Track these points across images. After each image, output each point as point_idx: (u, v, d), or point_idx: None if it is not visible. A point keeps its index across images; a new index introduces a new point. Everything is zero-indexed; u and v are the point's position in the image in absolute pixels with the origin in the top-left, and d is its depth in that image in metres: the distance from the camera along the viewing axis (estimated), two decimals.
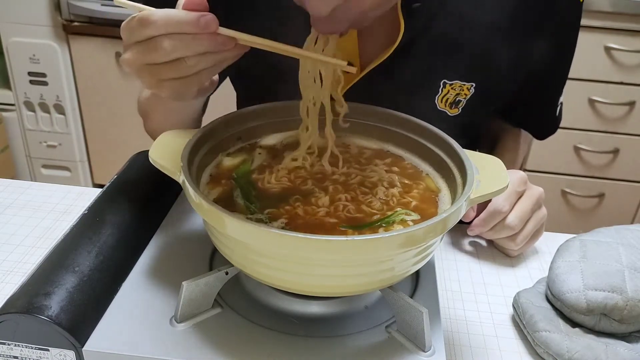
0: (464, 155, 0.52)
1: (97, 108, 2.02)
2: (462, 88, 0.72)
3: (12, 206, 0.78)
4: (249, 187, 0.54)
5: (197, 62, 0.51)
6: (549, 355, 0.57)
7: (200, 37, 0.49)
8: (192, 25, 0.49)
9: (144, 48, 0.50)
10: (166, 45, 0.49)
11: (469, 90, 0.72)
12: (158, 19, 0.49)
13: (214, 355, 0.47)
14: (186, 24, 0.49)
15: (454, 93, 0.72)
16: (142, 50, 0.51)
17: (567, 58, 0.79)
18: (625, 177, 1.87)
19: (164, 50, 0.49)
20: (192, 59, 0.50)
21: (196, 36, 0.49)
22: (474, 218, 0.71)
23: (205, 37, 0.49)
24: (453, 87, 0.71)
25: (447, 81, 0.71)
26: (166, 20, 0.49)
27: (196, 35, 0.49)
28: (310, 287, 0.47)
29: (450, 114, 0.73)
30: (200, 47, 0.50)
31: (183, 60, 0.50)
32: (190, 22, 0.49)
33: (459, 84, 0.71)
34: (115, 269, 0.54)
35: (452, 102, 0.73)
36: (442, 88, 0.71)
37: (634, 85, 1.75)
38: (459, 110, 0.73)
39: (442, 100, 0.72)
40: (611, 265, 0.59)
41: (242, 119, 0.60)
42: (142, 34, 0.50)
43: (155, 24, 0.49)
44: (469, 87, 0.71)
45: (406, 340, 0.49)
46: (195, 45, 0.50)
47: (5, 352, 0.48)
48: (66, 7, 1.83)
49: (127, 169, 0.69)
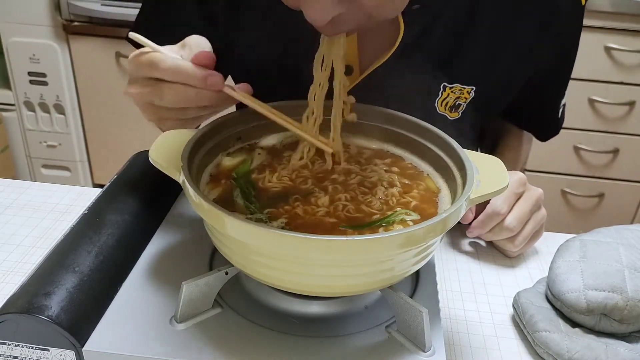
0: (464, 155, 0.52)
1: (97, 108, 2.02)
2: (462, 91, 0.71)
3: (12, 206, 0.78)
4: (249, 187, 0.54)
5: (198, 112, 0.54)
6: (549, 355, 0.57)
7: (205, 93, 0.52)
8: (200, 82, 0.51)
9: (150, 90, 0.53)
10: (171, 97, 0.52)
11: (469, 94, 0.71)
12: (168, 67, 0.51)
13: (214, 355, 0.47)
14: (194, 80, 0.51)
15: (454, 97, 0.72)
16: (148, 92, 0.53)
17: (569, 60, 0.79)
18: (625, 177, 1.87)
19: (168, 99, 0.52)
20: (193, 110, 0.54)
21: (200, 92, 0.52)
22: (472, 220, 0.71)
23: (209, 94, 0.52)
24: (453, 91, 0.71)
25: (447, 84, 0.71)
26: (175, 71, 0.51)
27: (200, 90, 0.52)
28: (310, 287, 0.47)
29: (450, 117, 0.73)
30: (203, 103, 0.53)
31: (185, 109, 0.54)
32: (198, 79, 0.51)
33: (459, 88, 0.71)
34: (115, 269, 0.54)
35: (452, 106, 0.72)
36: (442, 91, 0.71)
37: (634, 85, 1.75)
38: (459, 114, 0.73)
39: (442, 104, 0.72)
40: (611, 265, 0.59)
41: (242, 119, 0.60)
42: (149, 74, 0.52)
43: (165, 71, 0.51)
44: (469, 90, 0.71)
45: (406, 340, 0.49)
46: (199, 100, 0.52)
47: (5, 352, 0.48)
48: (66, 7, 1.83)
49: (127, 169, 0.69)
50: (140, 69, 0.53)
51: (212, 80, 0.51)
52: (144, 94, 0.54)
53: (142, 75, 0.53)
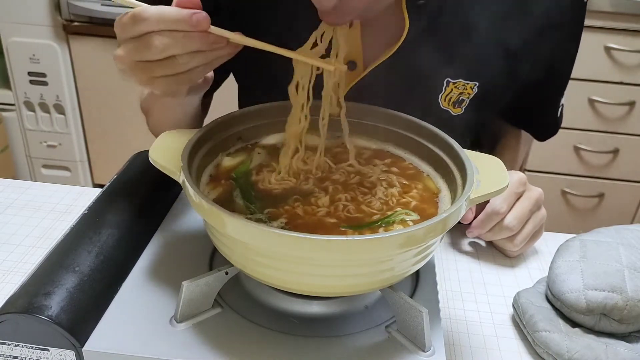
0: (464, 156, 0.52)
1: (97, 108, 2.02)
2: (465, 87, 0.71)
3: (12, 206, 0.78)
4: (249, 187, 0.54)
5: (189, 60, 0.51)
6: (549, 355, 0.57)
7: (192, 36, 0.50)
8: (184, 23, 0.49)
9: (136, 45, 0.51)
10: (157, 43, 0.49)
11: (472, 90, 0.72)
12: (150, 15, 0.49)
13: (214, 355, 0.47)
14: (178, 22, 0.49)
15: (457, 92, 0.72)
16: (134, 48, 0.51)
17: (569, 59, 0.79)
18: (625, 177, 1.87)
19: (156, 48, 0.50)
20: (183, 57, 0.51)
21: (187, 34, 0.50)
22: (472, 220, 0.71)
23: (197, 36, 0.50)
24: (456, 86, 0.71)
25: (450, 80, 0.71)
26: (158, 17, 0.49)
27: (187, 33, 0.49)
28: (310, 287, 0.47)
29: (453, 113, 0.73)
30: (192, 46, 0.50)
31: (174, 58, 0.51)
32: (182, 19, 0.49)
33: (463, 83, 0.71)
34: (115, 269, 0.54)
35: (455, 101, 0.72)
36: (446, 87, 0.71)
37: (634, 85, 1.74)
38: (462, 110, 0.73)
39: (446, 99, 0.72)
40: (611, 265, 0.59)
41: (242, 119, 0.60)
42: (134, 31, 0.50)
43: (148, 20, 0.49)
44: (472, 86, 0.71)
45: (406, 340, 0.49)
46: (187, 44, 0.50)
47: (5, 352, 0.48)
48: (66, 7, 1.83)
49: (127, 169, 0.69)
50: (125, 28, 0.51)
51: (197, 18, 0.49)
52: (130, 51, 0.52)
53: (128, 35, 0.51)
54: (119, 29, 0.52)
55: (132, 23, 0.50)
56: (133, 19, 0.50)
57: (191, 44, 0.50)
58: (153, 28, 0.49)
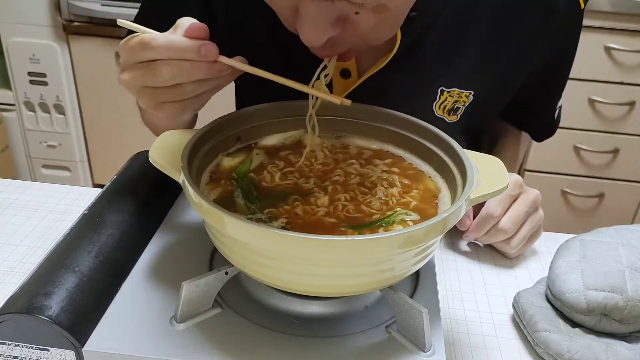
0: (464, 156, 0.52)
1: (97, 108, 2.02)
2: (460, 95, 0.71)
3: (12, 206, 0.78)
4: (250, 187, 0.54)
5: (195, 88, 0.52)
6: (549, 355, 0.57)
7: (200, 65, 0.50)
8: (194, 53, 0.50)
9: (144, 72, 0.52)
10: (165, 73, 0.50)
11: (467, 98, 0.71)
12: (160, 44, 0.50)
13: (214, 355, 0.47)
14: (188, 52, 0.50)
15: (452, 100, 0.71)
16: (142, 74, 0.52)
17: (567, 63, 0.79)
18: (625, 177, 1.87)
19: (163, 76, 0.50)
20: (189, 85, 0.52)
21: (195, 64, 0.50)
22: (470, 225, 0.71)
23: (204, 65, 0.51)
24: (451, 95, 0.71)
25: (444, 88, 0.71)
26: (168, 46, 0.50)
27: (195, 62, 0.50)
28: (310, 287, 0.47)
29: (448, 120, 0.73)
30: (199, 75, 0.51)
31: (181, 86, 0.52)
32: (191, 49, 0.50)
33: (457, 92, 0.71)
34: (115, 269, 0.54)
35: (450, 109, 0.72)
36: (440, 95, 0.71)
37: (634, 85, 1.75)
38: (457, 117, 0.73)
39: (440, 107, 0.72)
40: (611, 265, 0.59)
41: (242, 119, 0.60)
42: (142, 57, 0.51)
43: (157, 49, 0.50)
44: (467, 94, 0.71)
45: (406, 340, 0.50)
46: (194, 73, 0.51)
47: (5, 352, 0.48)
48: (66, 7, 1.83)
49: (127, 169, 0.69)
50: (132, 52, 0.52)
51: (207, 49, 0.50)
52: (137, 77, 0.52)
53: (135, 60, 0.52)
54: (125, 52, 0.52)
55: (140, 49, 0.51)
56: (142, 46, 0.50)
57: (198, 74, 0.51)
58: (162, 57, 0.50)
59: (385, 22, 0.52)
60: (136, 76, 0.52)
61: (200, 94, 0.54)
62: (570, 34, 0.75)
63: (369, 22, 0.50)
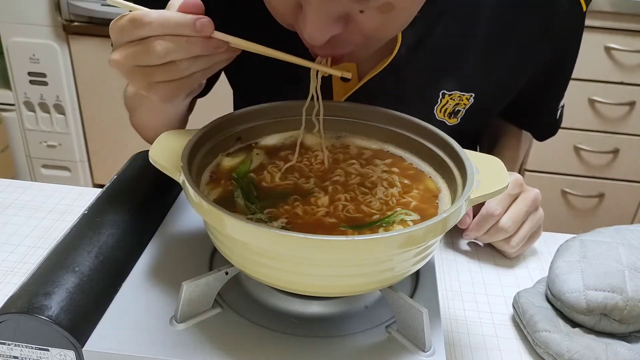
0: (464, 156, 0.52)
1: (97, 108, 2.02)
2: (461, 98, 0.71)
3: (12, 206, 0.78)
4: (250, 187, 0.54)
5: (190, 65, 0.50)
6: (549, 355, 0.57)
7: (194, 40, 0.49)
8: (188, 28, 0.48)
9: (136, 50, 0.49)
10: (160, 48, 0.48)
11: (468, 100, 0.71)
12: (153, 20, 0.48)
13: (214, 355, 0.47)
14: (182, 27, 0.48)
15: (452, 103, 0.71)
16: (134, 52, 0.50)
17: (569, 64, 0.78)
18: (625, 177, 1.87)
19: (157, 53, 0.48)
20: (185, 62, 0.50)
21: (190, 39, 0.49)
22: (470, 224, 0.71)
23: (199, 40, 0.49)
24: (452, 98, 0.71)
25: (446, 92, 0.70)
26: (161, 21, 0.48)
27: (190, 38, 0.48)
28: (310, 287, 0.47)
29: (449, 123, 0.73)
30: (194, 50, 0.49)
31: (175, 63, 0.50)
32: (186, 24, 0.48)
33: (458, 95, 0.71)
34: (115, 269, 0.54)
35: (451, 112, 0.72)
36: (441, 98, 0.71)
37: (634, 85, 1.75)
38: (458, 120, 0.73)
39: (441, 111, 0.72)
40: (611, 265, 0.59)
41: (242, 119, 0.60)
42: (134, 35, 0.49)
43: (150, 25, 0.48)
44: (468, 97, 0.71)
45: (406, 340, 0.50)
46: (189, 48, 0.49)
47: (5, 352, 0.48)
48: (66, 7, 1.83)
49: (127, 169, 0.69)
50: (123, 31, 0.49)
51: (201, 23, 0.48)
52: (129, 55, 0.50)
53: (126, 38, 0.50)
54: (115, 32, 0.50)
55: (132, 27, 0.49)
56: (133, 23, 0.48)
57: (193, 49, 0.49)
58: (155, 33, 0.48)
59: (390, 22, 0.51)
60: (128, 55, 0.50)
61: (194, 74, 0.52)
62: (571, 35, 0.74)
63: (374, 21, 0.50)
